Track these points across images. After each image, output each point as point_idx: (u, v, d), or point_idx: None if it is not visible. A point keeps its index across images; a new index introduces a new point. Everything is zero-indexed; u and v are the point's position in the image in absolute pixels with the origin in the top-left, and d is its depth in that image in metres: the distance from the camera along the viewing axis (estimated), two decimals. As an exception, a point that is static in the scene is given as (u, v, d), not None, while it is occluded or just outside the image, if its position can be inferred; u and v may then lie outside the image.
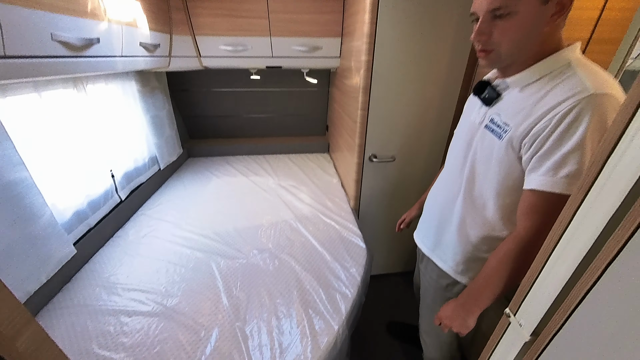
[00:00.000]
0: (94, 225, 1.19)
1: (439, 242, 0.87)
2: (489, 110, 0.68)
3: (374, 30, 1.13)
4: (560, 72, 0.56)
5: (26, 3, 0.65)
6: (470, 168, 0.72)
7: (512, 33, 0.56)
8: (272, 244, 1.23)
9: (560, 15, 0.54)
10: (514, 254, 0.62)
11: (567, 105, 0.52)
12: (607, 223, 0.40)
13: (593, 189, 0.41)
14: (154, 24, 1.25)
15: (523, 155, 0.59)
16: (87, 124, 1.19)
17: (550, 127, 0.53)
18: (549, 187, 0.55)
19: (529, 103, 0.58)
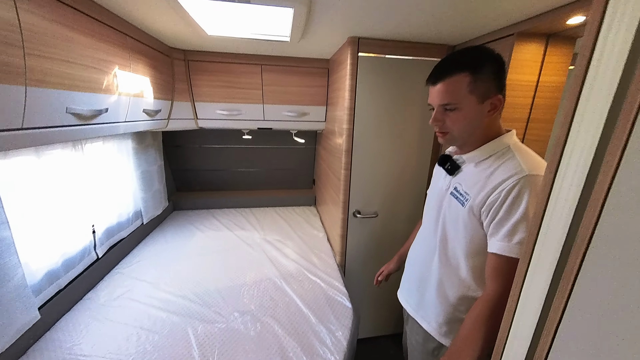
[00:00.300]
0: (64, 287, 1.12)
1: (421, 301, 0.89)
2: (452, 179, 0.80)
3: (353, 104, 1.33)
4: (502, 153, 0.70)
5: (52, 85, 0.74)
6: (442, 230, 0.80)
7: (459, 122, 0.71)
8: (255, 305, 1.18)
9: (494, 111, 0.69)
10: (486, 315, 0.66)
11: (511, 182, 0.64)
12: (551, 281, 0.46)
13: (534, 254, 0.49)
14: (158, 93, 1.40)
15: (483, 221, 0.69)
16: (76, 180, 1.21)
17: (500, 199, 0.64)
18: (506, 252, 0.64)
19: (482, 177, 0.70)
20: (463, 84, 0.66)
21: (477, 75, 0.65)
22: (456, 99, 0.68)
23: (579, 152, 0.42)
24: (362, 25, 1.09)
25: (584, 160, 0.41)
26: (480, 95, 0.66)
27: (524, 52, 1.02)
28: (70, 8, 0.79)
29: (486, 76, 0.66)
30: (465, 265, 0.75)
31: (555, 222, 0.45)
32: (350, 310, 1.17)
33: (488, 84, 0.66)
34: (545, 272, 0.47)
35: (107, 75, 0.97)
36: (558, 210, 0.45)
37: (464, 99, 0.67)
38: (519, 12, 0.92)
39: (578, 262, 0.41)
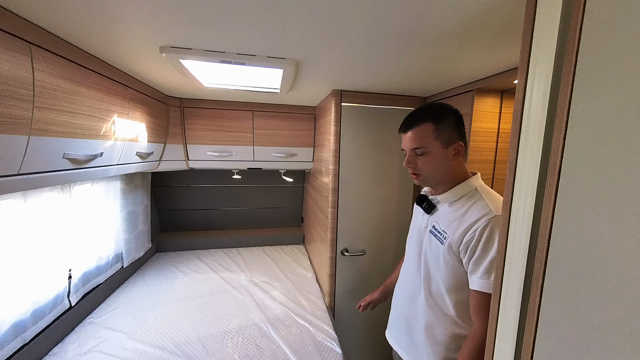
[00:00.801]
0: (29, 341, 1.03)
1: (411, 342, 0.88)
2: (430, 218, 0.86)
3: (338, 147, 1.44)
4: (472, 194, 0.78)
5: (54, 133, 0.79)
6: (425, 267, 0.84)
7: (429, 164, 0.79)
8: (239, 355, 1.11)
9: (458, 155, 0.79)
10: (477, 352, 0.68)
11: (482, 222, 0.71)
12: (520, 313, 0.50)
13: (503, 289, 0.53)
14: (152, 137, 1.46)
15: (462, 259, 0.74)
16: (58, 222, 1.19)
17: (475, 238, 0.71)
18: (486, 289, 0.68)
19: (457, 216, 0.77)
20: (429, 131, 0.77)
21: (439, 125, 0.77)
22: (424, 143, 0.78)
23: (524, 196, 0.49)
24: (344, 80, 1.25)
25: (529, 203, 0.48)
26: (444, 142, 0.77)
27: (483, 105, 1.19)
28: (79, 66, 0.88)
29: (447, 126, 0.77)
30: (449, 301, 0.78)
31: (515, 257, 0.51)
32: (341, 357, 1.12)
33: (450, 132, 0.77)
34: (514, 304, 0.51)
35: (106, 123, 1.04)
36: (516, 246, 0.51)
37: (431, 144, 0.77)
38: (474, 74, 1.10)
39: (539, 291, 0.46)
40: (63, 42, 0.81)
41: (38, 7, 0.64)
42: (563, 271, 0.42)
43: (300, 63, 1.01)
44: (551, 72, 0.45)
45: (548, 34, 0.45)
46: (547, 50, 0.45)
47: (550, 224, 0.45)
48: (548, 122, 0.45)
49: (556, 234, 0.44)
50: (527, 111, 0.49)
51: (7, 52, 0.63)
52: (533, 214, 0.48)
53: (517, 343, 0.50)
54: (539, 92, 0.46)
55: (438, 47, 0.85)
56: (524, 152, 0.49)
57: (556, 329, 0.43)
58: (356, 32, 0.76)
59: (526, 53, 0.48)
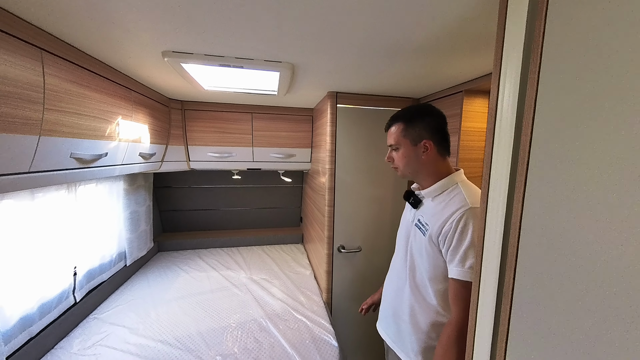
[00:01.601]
0: (36, 334, 1.07)
1: (398, 332, 0.92)
2: (416, 212, 0.91)
3: (334, 147, 1.48)
4: (452, 190, 0.83)
5: (62, 133, 0.84)
6: (410, 258, 0.89)
7: (401, 159, 0.88)
8: (238, 348, 1.15)
9: (427, 151, 0.83)
10: (454, 337, 0.72)
11: (458, 214, 0.75)
12: (496, 296, 0.54)
13: (482, 275, 0.57)
14: (154, 139, 1.51)
15: (442, 249, 0.78)
16: (64, 221, 1.24)
17: (452, 229, 0.75)
18: (462, 277, 0.72)
19: (438, 209, 0.82)
20: (400, 130, 0.87)
21: (408, 124, 0.85)
22: (396, 141, 0.87)
23: (498, 188, 0.53)
24: (339, 83, 1.29)
25: (503, 194, 0.52)
26: (413, 139, 0.84)
27: (472, 105, 1.23)
28: (86, 70, 0.93)
29: (416, 125, 0.84)
30: (431, 290, 0.82)
31: (492, 244, 0.55)
32: (337, 349, 1.15)
33: (418, 131, 0.84)
34: (491, 288, 0.55)
35: (111, 124, 1.08)
36: (492, 235, 0.55)
37: (401, 141, 0.86)
38: (463, 76, 1.14)
39: (512, 274, 0.50)
40: (71, 48, 0.85)
41: (49, 16, 0.69)
42: (533, 255, 0.46)
43: (295, 66, 1.06)
44: (519, 75, 0.49)
45: (516, 42, 0.49)
46: (515, 56, 0.49)
47: (521, 212, 0.49)
48: (517, 120, 0.50)
49: (526, 220, 0.48)
50: (499, 111, 0.53)
51: (20, 57, 0.68)
52: (506, 204, 0.52)
53: (495, 324, 0.54)
54: (510, 94, 0.51)
55: (423, 55, 0.92)
56: (498, 148, 0.54)
57: (528, 307, 0.47)
58: (347, 40, 0.82)
59: (498, 59, 0.53)
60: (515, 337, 0.49)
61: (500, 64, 0.52)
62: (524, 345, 0.47)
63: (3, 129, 0.65)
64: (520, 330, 0.48)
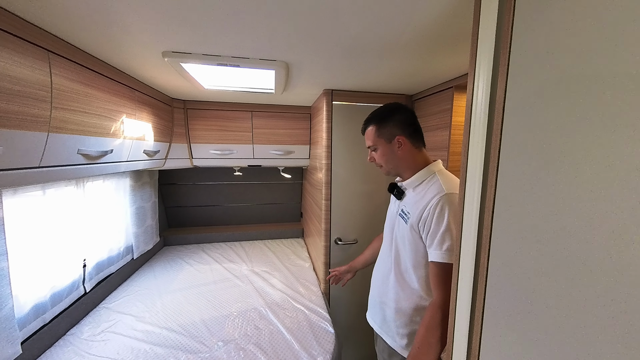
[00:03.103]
0: (49, 321, 1.13)
1: (384, 318, 0.97)
2: (400, 203, 0.96)
3: (330, 143, 1.52)
4: (430, 179, 0.88)
5: (69, 131, 0.89)
6: (395, 247, 0.94)
7: (382, 158, 0.93)
8: (239, 334, 1.20)
9: (402, 146, 0.88)
10: (437, 318, 0.76)
11: (435, 200, 0.80)
12: (473, 277, 0.57)
13: (461, 257, 0.61)
14: (158, 137, 1.57)
15: (422, 235, 0.83)
16: (73, 215, 1.30)
17: (429, 215, 0.80)
18: (440, 259, 0.77)
19: (418, 198, 0.87)
20: (373, 131, 0.92)
21: (380, 125, 0.91)
22: (372, 142, 0.93)
23: (473, 175, 0.57)
24: (333, 81, 1.33)
25: (478, 181, 0.56)
26: (387, 137, 0.90)
27: (462, 100, 1.26)
28: (91, 71, 0.98)
29: (388, 124, 0.89)
30: (414, 276, 0.87)
31: (469, 228, 0.58)
32: (333, 335, 1.20)
33: (390, 129, 0.89)
34: (469, 270, 0.59)
35: (115, 122, 1.14)
36: (469, 219, 0.58)
37: (377, 141, 0.92)
38: (451, 73, 1.17)
39: (486, 255, 0.53)
40: (76, 49, 0.90)
41: (53, 18, 0.74)
42: (503, 237, 0.50)
43: (289, 65, 1.09)
44: (491, 69, 0.52)
45: (488, 36, 0.52)
46: (487, 49, 0.53)
47: (494, 197, 0.52)
48: (490, 111, 0.53)
49: (498, 205, 0.51)
50: (474, 104, 0.56)
51: (28, 58, 0.73)
52: (481, 190, 0.55)
53: (472, 303, 0.58)
54: (483, 87, 0.54)
55: (410, 52, 0.95)
56: (473, 138, 0.57)
57: (499, 285, 0.50)
58: (336, 39, 0.85)
59: (473, 55, 0.56)
60: (490, 315, 0.53)
61: (475, 58, 0.55)
62: (497, 322, 0.51)
63: (14, 126, 0.71)
64: (494, 307, 0.52)
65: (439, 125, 1.39)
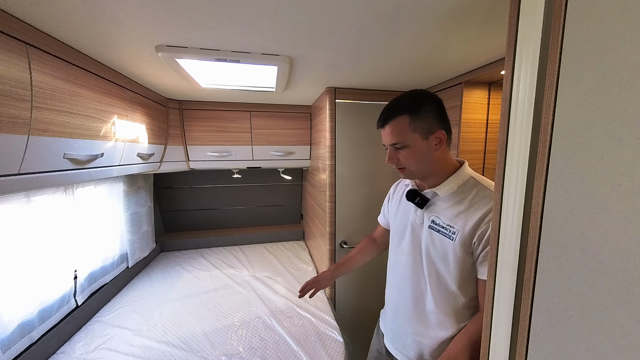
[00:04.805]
0: (36, 340, 1.05)
1: (420, 353, 0.81)
2: (425, 213, 0.79)
3: (333, 143, 1.45)
4: (470, 185, 0.74)
5: (53, 133, 0.81)
6: (429, 265, 0.77)
7: (411, 158, 0.74)
8: (243, 347, 1.13)
9: (441, 144, 0.73)
10: (479, 335, 0.66)
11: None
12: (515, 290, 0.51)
13: (498, 269, 0.55)
14: (153, 139, 1.48)
15: (474, 251, 0.70)
16: (62, 224, 1.21)
17: (490, 229, 0.66)
18: None
19: (462, 208, 0.72)
20: (405, 124, 0.72)
21: (415, 115, 0.72)
22: (402, 138, 0.73)
23: (515, 176, 0.51)
24: (337, 78, 1.26)
25: (520, 182, 0.49)
26: (423, 132, 0.72)
27: (472, 96, 1.20)
28: (78, 68, 0.90)
29: (425, 115, 0.72)
30: (462, 297, 0.74)
31: (508, 237, 0.52)
32: (342, 345, 1.14)
33: (428, 121, 0.72)
34: (508, 286, 0.52)
35: (106, 124, 1.05)
36: (509, 225, 0.52)
37: (408, 137, 0.72)
38: (462, 67, 1.11)
39: (533, 268, 0.47)
40: (60, 43, 0.82)
41: (33, 8, 0.66)
42: (555, 249, 0.43)
43: (293, 60, 1.02)
44: (539, 46, 0.45)
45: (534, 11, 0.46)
46: (534, 24, 0.45)
47: (542, 201, 0.45)
48: (537, 99, 0.46)
49: (548, 209, 0.45)
50: (515, 88, 0.49)
51: (3, 52, 0.65)
52: (525, 193, 0.49)
53: (514, 320, 0.51)
54: (527, 69, 0.47)
55: (425, 33, 0.82)
56: (513, 135, 0.50)
57: (551, 305, 0.44)
58: (346, 17, 0.73)
59: (512, 41, 0.49)
60: (538, 335, 0.47)
61: (515, 42, 0.49)
62: (546, 343, 0.45)
63: (-12, 129, 0.63)
64: (543, 328, 0.46)
65: (447, 122, 1.34)
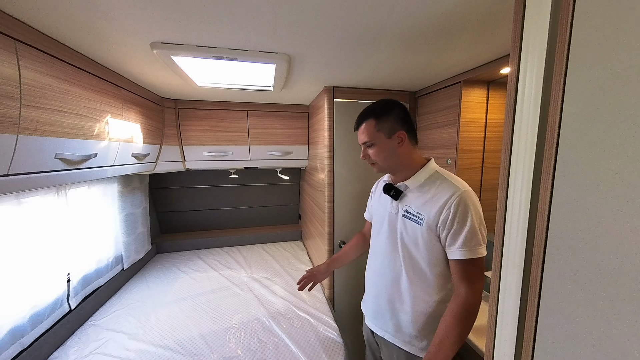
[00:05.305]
0: (28, 346, 1.02)
1: (398, 324, 0.91)
2: (399, 204, 0.91)
3: (332, 143, 1.44)
4: (434, 177, 0.85)
5: (44, 132, 0.78)
6: (404, 249, 0.88)
7: (379, 154, 0.87)
8: (242, 350, 1.12)
9: (402, 143, 0.85)
10: (460, 314, 0.75)
11: (454, 199, 0.78)
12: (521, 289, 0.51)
13: (502, 267, 0.54)
14: (148, 138, 1.45)
15: (440, 235, 0.80)
16: (55, 226, 1.18)
17: (451, 214, 0.77)
18: (466, 255, 0.76)
19: (428, 198, 0.83)
20: (372, 125, 0.86)
21: (380, 118, 0.85)
22: (370, 137, 0.87)
23: (520, 175, 0.50)
24: (336, 77, 1.25)
25: (526, 182, 0.49)
26: (387, 132, 0.85)
27: (471, 95, 1.20)
28: (69, 65, 0.87)
29: (387, 118, 0.85)
30: (431, 275, 0.85)
31: (514, 237, 0.51)
32: (342, 346, 1.13)
33: (390, 123, 0.85)
34: (514, 286, 0.52)
35: (99, 123, 1.03)
36: (515, 224, 0.51)
37: (375, 136, 0.86)
38: (461, 66, 1.11)
39: (540, 268, 0.46)
40: (51, 40, 0.80)
41: (21, 2, 0.63)
42: (563, 250, 0.42)
43: (292, 58, 1.01)
44: (546, 42, 0.44)
45: (538, 19, 0.45)
46: (540, 20, 0.45)
47: (549, 200, 0.44)
48: (544, 96, 0.45)
49: (555, 212, 0.43)
50: (521, 85, 0.48)
51: (-11, 47, 0.62)
52: (531, 193, 0.48)
53: (520, 321, 0.51)
54: (533, 66, 0.46)
55: (422, 44, 0.87)
56: (519, 130, 0.49)
57: (560, 306, 0.43)
58: (343, 28, 0.77)
59: (517, 38, 0.48)
60: (544, 337, 0.46)
61: (521, 39, 0.48)
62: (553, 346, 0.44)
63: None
64: (550, 329, 0.45)
65: (446, 122, 1.33)
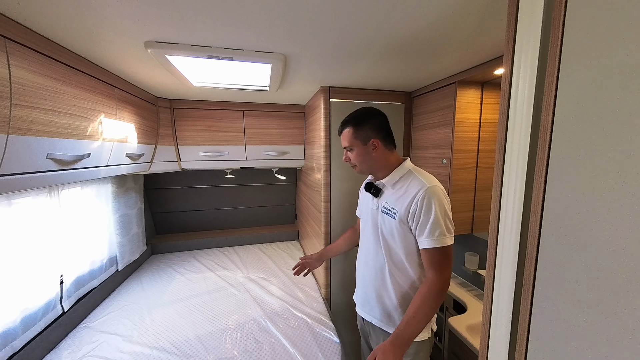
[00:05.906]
0: (19, 349, 1.00)
1: (384, 309, 0.99)
2: (379, 200, 1.00)
3: (328, 143, 1.44)
4: (407, 176, 0.94)
5: (35, 132, 0.77)
6: (384, 242, 0.98)
7: (357, 158, 0.98)
8: (238, 351, 1.11)
9: (378, 148, 0.94)
10: (428, 296, 0.85)
11: (420, 194, 0.86)
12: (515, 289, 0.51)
13: (497, 267, 0.55)
14: (142, 138, 1.44)
15: (411, 227, 0.90)
16: (47, 228, 1.16)
17: (418, 208, 0.86)
18: (433, 245, 0.85)
19: (400, 194, 0.93)
20: (350, 133, 0.97)
21: (357, 127, 0.96)
22: (349, 143, 0.98)
23: (514, 175, 0.50)
24: (331, 77, 1.25)
25: (520, 181, 0.49)
26: (363, 140, 0.95)
27: (465, 96, 1.21)
28: (62, 64, 0.86)
29: (363, 127, 0.95)
30: (409, 265, 0.94)
31: (507, 236, 0.52)
32: (338, 345, 1.13)
33: (365, 132, 0.95)
34: (508, 285, 0.52)
35: (92, 123, 1.01)
36: (508, 223, 0.52)
37: (353, 142, 0.96)
38: (456, 67, 1.12)
39: (533, 267, 0.47)
40: (42, 38, 0.78)
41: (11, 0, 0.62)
42: (555, 248, 0.43)
43: (288, 58, 1.01)
44: (538, 43, 0.45)
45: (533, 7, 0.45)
46: (533, 21, 0.45)
47: (542, 199, 0.45)
48: (537, 96, 0.46)
49: (548, 210, 0.44)
50: (515, 85, 0.49)
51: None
52: (524, 192, 0.49)
53: (513, 319, 0.51)
54: (527, 66, 0.47)
55: (411, 53, 0.90)
56: (512, 130, 0.50)
57: (552, 304, 0.44)
58: (337, 31, 0.77)
59: (511, 41, 0.49)
60: (537, 334, 0.47)
61: (514, 43, 0.49)
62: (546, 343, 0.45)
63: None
64: (543, 327, 0.46)
65: (441, 123, 1.34)
